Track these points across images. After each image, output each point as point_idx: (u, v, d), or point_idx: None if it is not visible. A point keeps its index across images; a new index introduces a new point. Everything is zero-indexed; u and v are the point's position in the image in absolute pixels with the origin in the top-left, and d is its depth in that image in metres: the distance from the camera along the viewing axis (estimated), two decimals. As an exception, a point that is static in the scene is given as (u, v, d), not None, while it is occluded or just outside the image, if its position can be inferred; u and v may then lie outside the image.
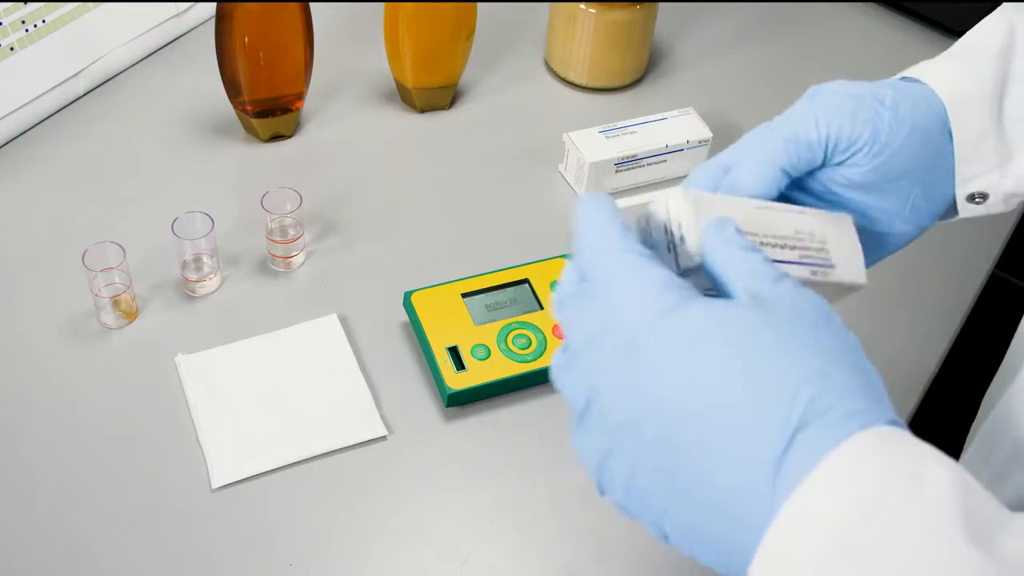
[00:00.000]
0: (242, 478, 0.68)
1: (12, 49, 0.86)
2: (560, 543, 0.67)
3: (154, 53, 1.01)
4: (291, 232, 0.81)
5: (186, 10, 1.01)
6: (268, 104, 0.89)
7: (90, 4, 0.91)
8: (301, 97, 0.91)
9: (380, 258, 0.84)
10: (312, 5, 0.87)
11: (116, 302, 0.75)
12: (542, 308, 0.76)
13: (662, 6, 1.08)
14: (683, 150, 0.90)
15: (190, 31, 1.03)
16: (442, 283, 0.77)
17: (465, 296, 0.76)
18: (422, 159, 0.93)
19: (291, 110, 0.91)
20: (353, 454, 0.70)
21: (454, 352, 0.73)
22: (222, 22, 0.84)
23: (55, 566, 0.63)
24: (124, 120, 0.94)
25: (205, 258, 0.79)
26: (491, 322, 0.75)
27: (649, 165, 0.90)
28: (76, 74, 0.93)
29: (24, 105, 0.90)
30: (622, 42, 0.97)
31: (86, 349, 0.75)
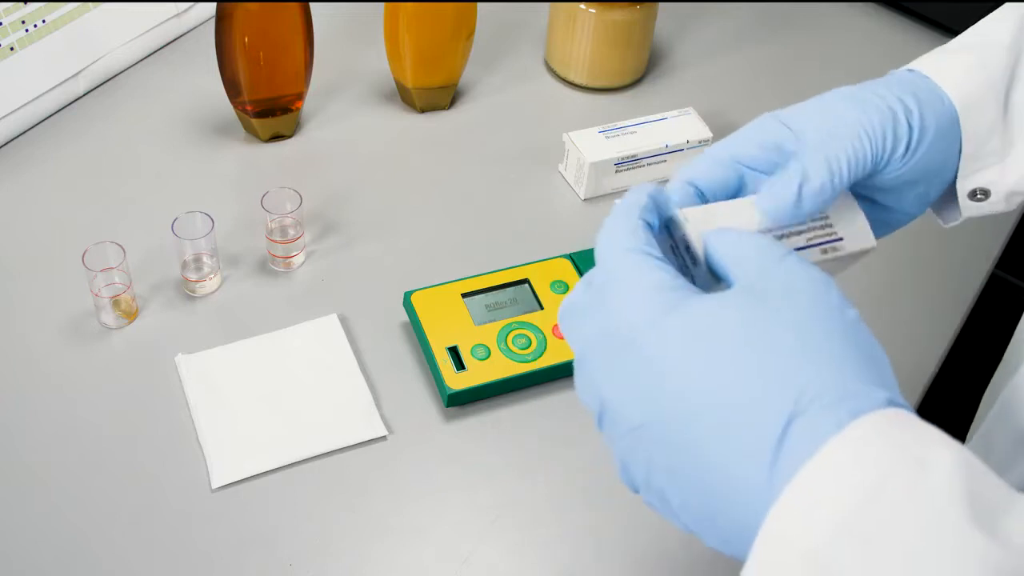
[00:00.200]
0: (242, 478, 0.68)
1: (12, 49, 0.86)
2: (560, 543, 0.67)
3: (154, 53, 1.01)
4: (291, 232, 0.81)
5: (186, 10, 1.01)
6: (268, 104, 0.89)
7: (90, 4, 0.91)
8: (301, 97, 0.91)
9: (380, 258, 0.84)
10: (312, 5, 0.87)
11: (116, 302, 0.75)
12: (542, 308, 0.76)
13: (662, 6, 1.08)
14: (683, 150, 0.90)
15: (190, 31, 1.03)
16: (442, 283, 0.77)
17: (465, 296, 0.76)
18: (422, 159, 0.93)
19: (291, 110, 0.91)
20: (353, 454, 0.70)
21: (454, 352, 0.73)
22: (222, 22, 0.84)
23: (55, 566, 0.63)
24: (124, 120, 0.94)
25: (205, 258, 0.79)
26: (491, 322, 0.75)
27: (649, 165, 0.90)
28: (76, 74, 0.93)
29: (24, 105, 0.90)
30: (622, 42, 0.97)
31: (86, 349, 0.75)
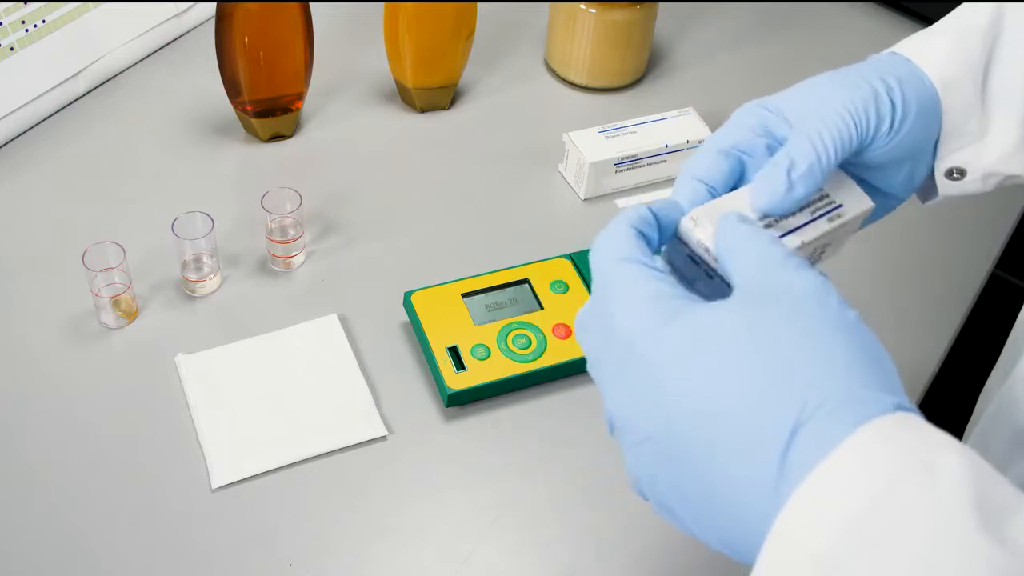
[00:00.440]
0: (242, 478, 0.68)
1: (12, 49, 0.86)
2: (560, 543, 0.67)
3: (154, 53, 1.01)
4: (291, 232, 0.81)
5: (186, 10, 1.01)
6: (268, 104, 0.89)
7: (90, 4, 0.91)
8: (301, 97, 0.91)
9: (380, 258, 0.84)
10: (312, 5, 0.87)
11: (116, 302, 0.75)
12: (542, 308, 0.76)
13: (662, 6, 1.08)
14: (683, 150, 0.90)
15: (190, 31, 1.03)
16: (442, 283, 0.77)
17: (465, 296, 0.76)
18: (422, 159, 0.93)
19: (291, 110, 0.91)
20: (353, 454, 0.70)
21: (454, 352, 0.73)
22: (222, 22, 0.84)
23: (55, 566, 0.63)
24: (124, 120, 0.94)
25: (205, 258, 0.79)
26: (491, 322, 0.75)
27: (649, 165, 0.90)
28: (76, 74, 0.93)
29: (24, 105, 0.90)
30: (622, 42, 0.97)
31: (86, 349, 0.75)
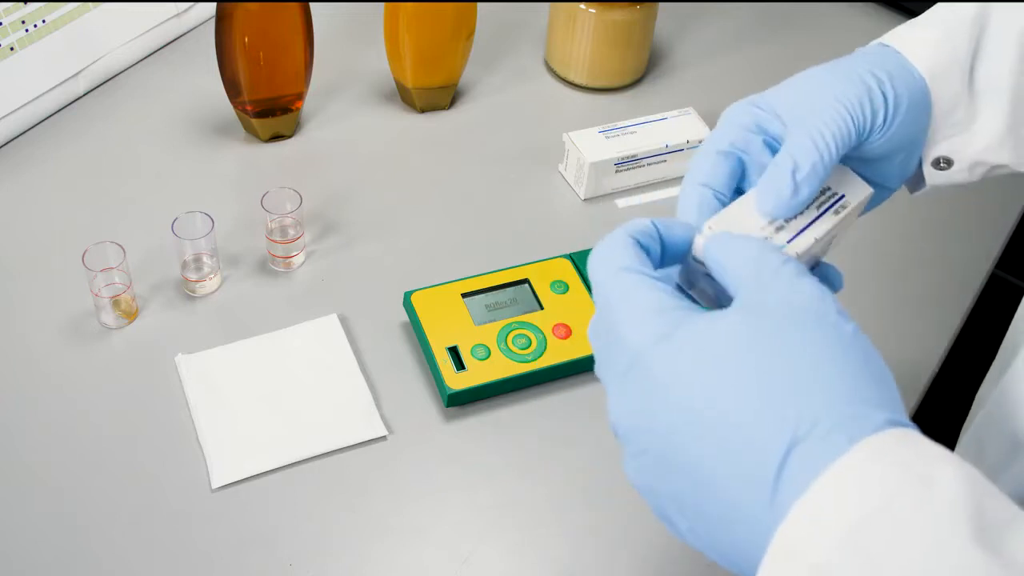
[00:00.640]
0: (242, 478, 0.68)
1: (12, 49, 0.86)
2: (560, 543, 0.67)
3: (154, 53, 1.01)
4: (291, 232, 0.81)
5: (186, 10, 1.01)
6: (268, 104, 0.89)
7: (90, 4, 0.91)
8: (301, 97, 0.91)
9: (380, 258, 0.84)
10: (312, 5, 0.87)
11: (116, 302, 0.75)
12: (542, 308, 0.76)
13: (662, 6, 1.08)
14: (683, 150, 0.90)
15: (190, 31, 1.03)
16: (442, 283, 0.77)
17: (465, 296, 0.76)
18: (422, 159, 0.93)
19: (291, 110, 0.91)
20: (353, 454, 0.70)
21: (454, 352, 0.73)
22: (222, 22, 0.84)
23: (55, 566, 0.63)
24: (124, 120, 0.94)
25: (205, 258, 0.79)
26: (491, 322, 0.75)
27: (649, 165, 0.90)
28: (76, 74, 0.93)
29: (24, 105, 0.90)
30: (622, 42, 0.97)
31: (86, 349, 0.75)
